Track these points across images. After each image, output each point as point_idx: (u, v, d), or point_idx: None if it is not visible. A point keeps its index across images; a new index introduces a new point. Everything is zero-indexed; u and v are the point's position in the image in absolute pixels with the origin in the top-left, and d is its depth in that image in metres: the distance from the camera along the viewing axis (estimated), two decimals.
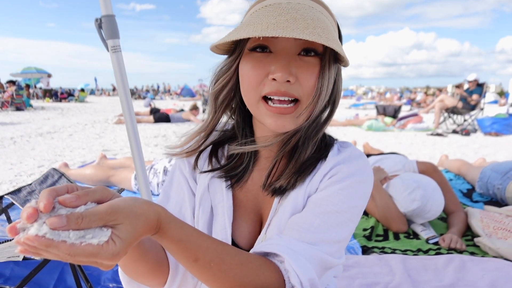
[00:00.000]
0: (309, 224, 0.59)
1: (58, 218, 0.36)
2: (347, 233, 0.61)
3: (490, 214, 2.04)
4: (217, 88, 0.66)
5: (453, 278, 1.55)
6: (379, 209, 2.13)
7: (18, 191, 1.63)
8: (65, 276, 1.56)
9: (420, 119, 7.70)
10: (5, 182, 3.29)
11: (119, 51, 1.26)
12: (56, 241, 0.35)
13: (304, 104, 0.60)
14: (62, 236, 0.36)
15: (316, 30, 0.53)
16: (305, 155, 0.64)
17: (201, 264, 0.50)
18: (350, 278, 1.58)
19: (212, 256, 0.51)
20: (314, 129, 0.63)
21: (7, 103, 11.78)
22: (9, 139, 5.81)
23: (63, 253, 0.36)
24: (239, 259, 0.53)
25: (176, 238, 0.48)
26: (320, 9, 0.60)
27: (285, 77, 0.56)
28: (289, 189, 0.65)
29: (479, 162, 3.52)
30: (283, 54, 0.58)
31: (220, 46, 0.63)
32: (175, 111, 9.00)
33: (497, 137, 6.51)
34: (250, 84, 0.60)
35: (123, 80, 1.27)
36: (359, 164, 0.65)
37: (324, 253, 0.57)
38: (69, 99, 18.60)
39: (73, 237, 0.36)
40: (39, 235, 0.35)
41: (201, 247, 0.50)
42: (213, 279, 0.52)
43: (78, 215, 0.37)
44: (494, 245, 1.78)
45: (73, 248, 0.36)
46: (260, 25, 0.54)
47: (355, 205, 0.62)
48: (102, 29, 1.23)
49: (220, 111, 0.69)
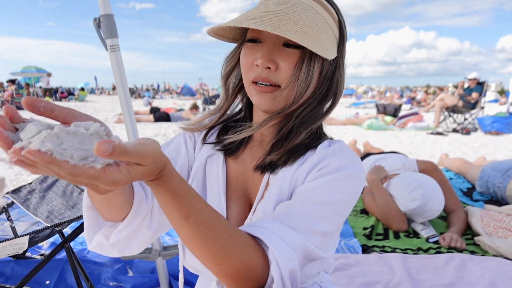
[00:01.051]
0: (298, 212, 0.58)
1: (105, 144, 0.33)
2: (334, 227, 0.60)
3: (490, 213, 2.04)
4: (225, 72, 0.73)
5: (453, 277, 1.55)
6: (379, 208, 2.13)
7: (18, 190, 1.64)
8: (66, 275, 1.56)
9: (420, 118, 7.69)
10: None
11: (118, 50, 1.26)
12: (59, 159, 0.33)
13: (284, 90, 0.65)
14: (65, 155, 0.34)
15: (290, 26, 0.58)
16: (298, 138, 0.67)
17: (190, 223, 0.49)
18: (350, 277, 1.58)
19: (204, 218, 0.50)
20: (311, 116, 0.68)
21: (7, 102, 11.79)
22: None
23: (64, 172, 0.35)
24: (229, 230, 0.52)
25: (174, 190, 0.47)
26: (311, 3, 0.63)
27: (264, 64, 0.63)
28: (279, 165, 0.67)
29: (479, 161, 3.52)
30: (268, 44, 0.64)
31: (228, 36, 0.71)
32: (175, 110, 9.00)
33: (497, 136, 6.51)
34: (243, 69, 0.68)
35: (122, 79, 1.27)
36: (350, 158, 0.66)
37: (309, 243, 0.56)
38: (69, 98, 18.60)
39: (76, 158, 0.35)
40: (42, 150, 0.33)
41: (195, 207, 0.49)
42: (199, 244, 0.50)
43: (124, 149, 0.35)
44: (494, 244, 1.78)
45: (75, 169, 0.35)
46: (247, 16, 0.61)
47: (344, 198, 0.61)
48: (101, 29, 1.23)
49: (231, 94, 0.75)
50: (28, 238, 1.14)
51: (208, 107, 12.31)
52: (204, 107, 11.02)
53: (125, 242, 0.63)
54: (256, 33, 0.65)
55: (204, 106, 10.68)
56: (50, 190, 1.66)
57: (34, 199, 1.59)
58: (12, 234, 1.37)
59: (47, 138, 0.33)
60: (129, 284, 1.52)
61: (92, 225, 0.64)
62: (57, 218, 1.44)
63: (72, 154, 0.34)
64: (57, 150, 0.34)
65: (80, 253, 1.69)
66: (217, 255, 0.51)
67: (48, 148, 0.33)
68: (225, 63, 0.74)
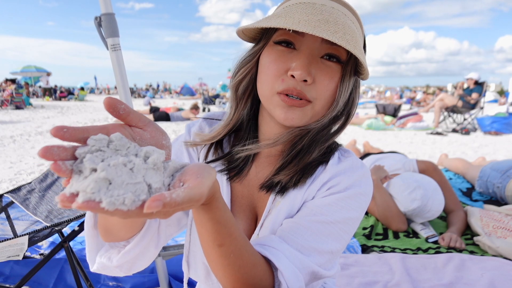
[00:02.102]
0: (303, 232, 0.58)
1: (156, 203, 0.31)
2: (341, 245, 0.60)
3: (490, 213, 2.04)
4: (238, 79, 0.65)
5: (452, 277, 1.55)
6: (379, 208, 2.14)
7: (18, 190, 1.63)
8: (65, 275, 1.56)
9: (420, 118, 7.70)
10: (4, 181, 3.29)
11: (119, 50, 1.25)
12: (111, 210, 0.31)
13: (316, 106, 0.59)
14: (116, 203, 0.31)
15: (345, 36, 0.53)
16: (310, 157, 0.63)
17: (223, 251, 0.49)
18: (349, 276, 1.58)
19: (236, 247, 0.50)
20: (324, 136, 0.63)
21: (6, 101, 11.77)
22: (8, 137, 5.80)
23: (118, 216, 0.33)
24: (253, 259, 0.52)
25: (217, 219, 0.46)
26: (352, 19, 0.60)
27: (303, 76, 0.56)
28: (290, 187, 0.63)
29: (478, 161, 3.52)
30: (306, 53, 0.57)
31: (246, 33, 0.63)
32: (175, 109, 8.99)
33: (496, 136, 6.51)
34: (268, 77, 0.59)
35: (122, 79, 1.27)
36: (359, 175, 0.63)
37: (315, 265, 0.57)
38: (68, 98, 18.58)
39: (128, 203, 0.32)
40: (92, 199, 0.30)
41: (231, 236, 0.49)
42: (224, 269, 0.51)
43: (175, 204, 0.32)
44: (494, 244, 1.78)
45: (128, 214, 0.33)
46: (292, 19, 0.54)
47: (352, 216, 0.60)
48: (102, 28, 1.23)
49: (243, 103, 0.67)
50: (28, 237, 1.14)
51: (208, 107, 12.30)
52: (204, 107, 11.01)
53: (132, 262, 0.61)
54: (292, 37, 0.58)
55: (204, 106, 10.67)
56: (49, 189, 1.65)
57: (34, 198, 1.59)
58: (11, 233, 1.37)
59: (95, 188, 0.31)
60: (128, 284, 1.52)
61: (94, 246, 0.61)
62: (57, 218, 1.44)
63: (124, 200, 0.32)
64: (107, 199, 0.31)
65: (80, 252, 1.69)
66: (237, 280, 0.52)
67: (99, 199, 0.31)
68: (238, 67, 0.66)
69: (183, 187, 0.34)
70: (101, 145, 0.35)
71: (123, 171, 0.33)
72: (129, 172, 0.34)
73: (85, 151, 0.34)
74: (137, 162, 0.35)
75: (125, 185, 0.33)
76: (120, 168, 0.33)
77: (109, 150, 0.35)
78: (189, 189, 0.34)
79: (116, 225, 0.56)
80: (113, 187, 0.32)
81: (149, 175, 0.35)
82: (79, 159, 0.34)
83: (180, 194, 0.33)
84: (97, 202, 0.31)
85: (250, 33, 0.63)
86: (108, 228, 0.56)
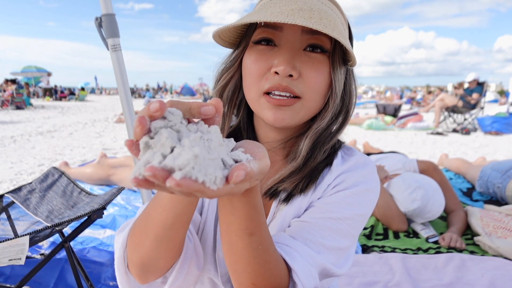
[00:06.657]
0: (313, 229, 0.57)
1: (241, 172, 0.30)
2: (350, 241, 0.59)
3: (490, 213, 2.04)
4: (221, 85, 0.63)
5: (452, 277, 1.55)
6: (379, 208, 2.14)
7: (18, 190, 1.64)
8: (66, 275, 1.56)
9: (420, 118, 7.69)
10: (5, 181, 3.30)
11: (119, 50, 1.26)
12: (210, 189, 0.30)
13: (306, 102, 0.57)
14: (209, 182, 0.30)
15: (322, 21, 0.51)
16: (315, 161, 0.61)
17: (252, 241, 0.46)
18: (350, 276, 1.58)
19: (264, 239, 0.47)
20: (326, 137, 0.61)
21: (7, 102, 11.78)
22: (9, 138, 5.81)
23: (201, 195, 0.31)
24: (277, 256, 0.50)
25: (254, 204, 0.43)
26: (331, 6, 0.58)
27: (287, 71, 0.53)
28: (296, 194, 0.61)
29: (479, 161, 3.52)
30: (287, 47, 0.55)
31: (224, 38, 0.61)
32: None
33: (497, 136, 6.51)
34: (252, 77, 0.57)
35: (123, 79, 1.27)
36: (365, 172, 0.62)
37: (328, 262, 0.56)
38: (69, 98, 18.60)
39: (218, 182, 0.30)
40: (192, 178, 0.28)
41: (263, 225, 0.46)
42: (247, 263, 0.48)
43: (252, 174, 0.32)
44: (494, 244, 1.78)
45: (217, 193, 0.31)
46: (265, 13, 0.52)
47: (360, 213, 0.59)
48: (102, 28, 1.23)
49: (229, 110, 0.65)
50: (29, 238, 1.14)
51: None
52: None
53: None
54: (270, 33, 0.57)
55: None
56: (50, 189, 1.66)
57: (34, 198, 1.59)
58: (12, 233, 1.37)
59: (195, 165, 0.29)
60: None
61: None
62: (57, 218, 1.44)
63: (215, 179, 0.30)
64: (204, 177, 0.29)
65: (80, 252, 1.69)
66: (258, 277, 0.49)
67: (196, 177, 0.29)
68: (220, 73, 0.63)
69: (253, 160, 0.34)
70: (177, 121, 0.33)
71: (204, 147, 0.32)
72: (208, 148, 0.32)
73: (160, 125, 0.32)
74: (213, 138, 0.33)
75: (207, 161, 0.31)
76: (202, 144, 0.32)
77: (183, 126, 0.34)
78: (259, 161, 0.34)
79: (155, 254, 0.51)
80: (199, 164, 0.30)
81: (221, 151, 0.34)
82: (153, 132, 0.32)
83: (255, 164, 0.33)
84: (193, 179, 0.28)
85: (229, 37, 0.61)
86: (145, 261, 0.52)
